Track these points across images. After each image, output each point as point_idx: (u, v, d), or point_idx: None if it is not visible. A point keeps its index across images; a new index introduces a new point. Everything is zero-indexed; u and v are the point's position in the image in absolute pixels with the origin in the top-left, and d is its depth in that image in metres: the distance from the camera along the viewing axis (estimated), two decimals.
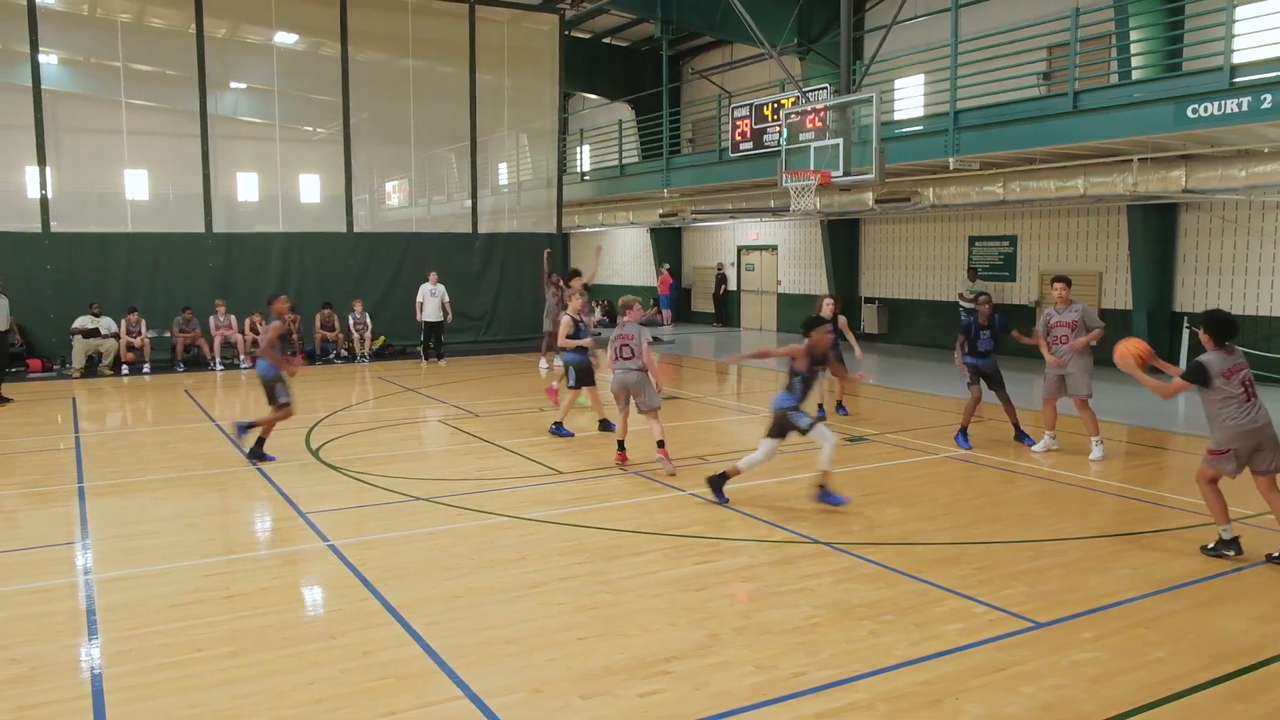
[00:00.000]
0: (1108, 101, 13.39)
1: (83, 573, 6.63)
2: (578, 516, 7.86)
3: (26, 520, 8.00)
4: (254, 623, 5.62)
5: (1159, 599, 5.97)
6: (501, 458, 10.24)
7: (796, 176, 14.84)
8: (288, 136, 21.58)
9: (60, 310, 17.93)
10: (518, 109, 23.67)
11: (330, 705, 4.58)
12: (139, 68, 20.41)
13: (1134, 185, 14.08)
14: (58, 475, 9.55)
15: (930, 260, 21.40)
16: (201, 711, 4.53)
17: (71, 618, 5.75)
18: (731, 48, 25.77)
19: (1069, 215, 18.24)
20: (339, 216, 20.98)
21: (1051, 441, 10.45)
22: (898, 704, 4.58)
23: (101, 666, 5.02)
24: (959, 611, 5.75)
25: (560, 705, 4.59)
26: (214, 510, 8.49)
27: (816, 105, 14.55)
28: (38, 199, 18.21)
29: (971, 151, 15.19)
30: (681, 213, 23.91)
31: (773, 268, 26.54)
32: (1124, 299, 17.29)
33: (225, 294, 18.97)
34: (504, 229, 23.40)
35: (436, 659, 5.08)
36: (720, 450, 10.56)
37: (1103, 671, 4.93)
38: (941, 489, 8.84)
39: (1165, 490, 8.88)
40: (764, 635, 5.40)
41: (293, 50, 22.27)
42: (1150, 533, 7.46)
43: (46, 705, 4.61)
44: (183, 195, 19.81)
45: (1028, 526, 7.60)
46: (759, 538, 7.27)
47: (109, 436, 12.03)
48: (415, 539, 7.33)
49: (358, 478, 9.28)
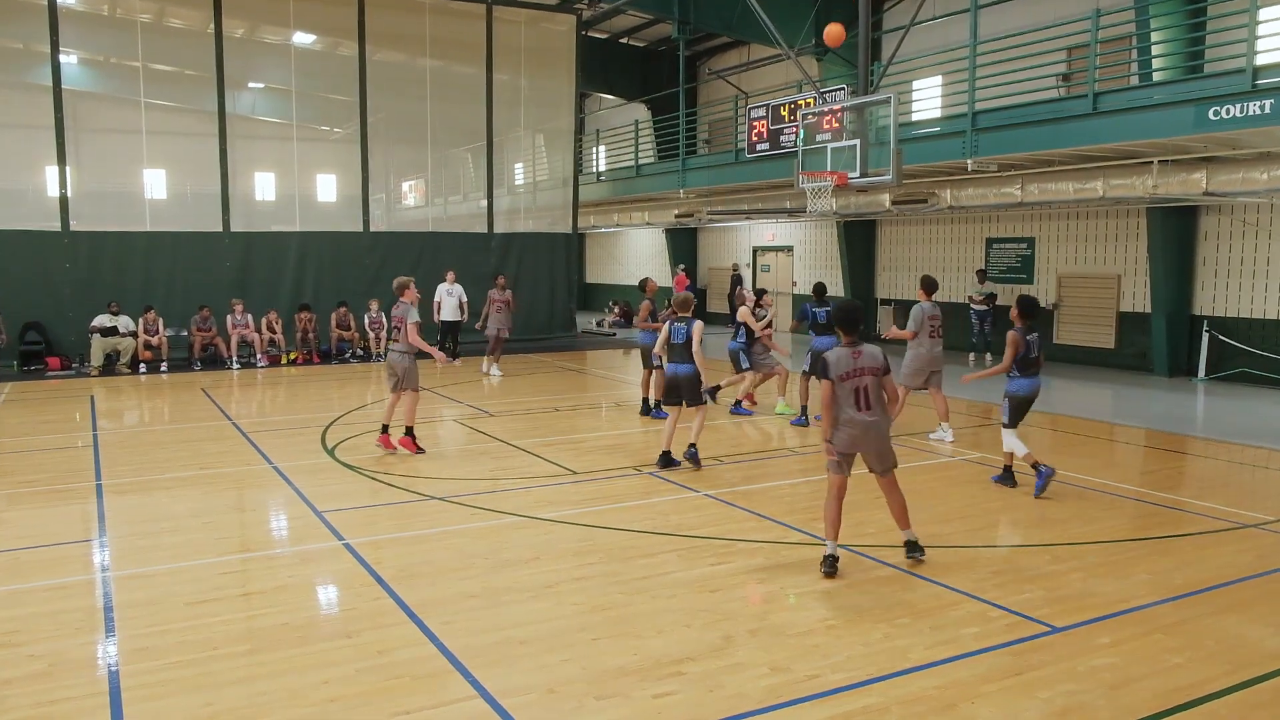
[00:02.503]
0: (1128, 103, 13.29)
1: (100, 570, 6.68)
2: (592, 517, 7.86)
3: (45, 517, 8.06)
4: (270, 621, 5.65)
5: (1177, 604, 5.92)
6: (516, 458, 10.25)
7: (813, 178, 14.80)
8: (305, 136, 21.71)
9: (79, 309, 18.07)
10: (534, 109, 23.73)
11: (346, 704, 4.59)
12: (158, 68, 20.58)
13: (1154, 188, 13.98)
14: (76, 473, 9.62)
15: (947, 262, 21.31)
16: (218, 709, 4.55)
17: (89, 615, 5.78)
18: (749, 48, 25.72)
19: (1087, 217, 18.12)
20: (355, 216, 21.08)
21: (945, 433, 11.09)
22: (913, 708, 4.56)
23: (119, 664, 5.05)
24: (975, 615, 5.72)
25: (575, 706, 4.58)
26: (230, 508, 8.53)
27: (834, 106, 14.50)
28: (57, 198, 18.38)
29: (990, 153, 15.12)
30: (697, 213, 23.89)
31: (788, 269, 26.49)
32: (1143, 302, 17.17)
33: (242, 293, 19.08)
34: (520, 229, 23.47)
35: (451, 659, 5.09)
36: (736, 451, 10.54)
37: (1120, 677, 4.89)
38: (957, 492, 8.79)
39: (1184, 495, 8.81)
40: (778, 637, 5.38)
41: (310, 50, 22.39)
42: (1168, 538, 7.39)
43: (65, 701, 4.64)
44: (201, 194, 19.96)
45: (1044, 530, 7.56)
46: (774, 539, 7.25)
47: (127, 435, 12.11)
48: (430, 538, 7.35)
49: (373, 477, 9.31)
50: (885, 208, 18.49)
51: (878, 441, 6.47)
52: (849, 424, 6.40)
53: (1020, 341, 8.50)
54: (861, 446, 6.47)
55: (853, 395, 6.38)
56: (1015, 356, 8.51)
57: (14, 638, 5.39)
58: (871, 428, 6.41)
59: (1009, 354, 8.54)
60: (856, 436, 6.41)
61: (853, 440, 6.42)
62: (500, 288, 17.40)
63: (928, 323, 10.79)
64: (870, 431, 6.41)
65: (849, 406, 6.39)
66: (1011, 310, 8.69)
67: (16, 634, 5.44)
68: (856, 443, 6.44)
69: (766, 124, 17.76)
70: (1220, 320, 16.01)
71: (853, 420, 6.39)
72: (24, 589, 6.23)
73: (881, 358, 6.47)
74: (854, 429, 6.39)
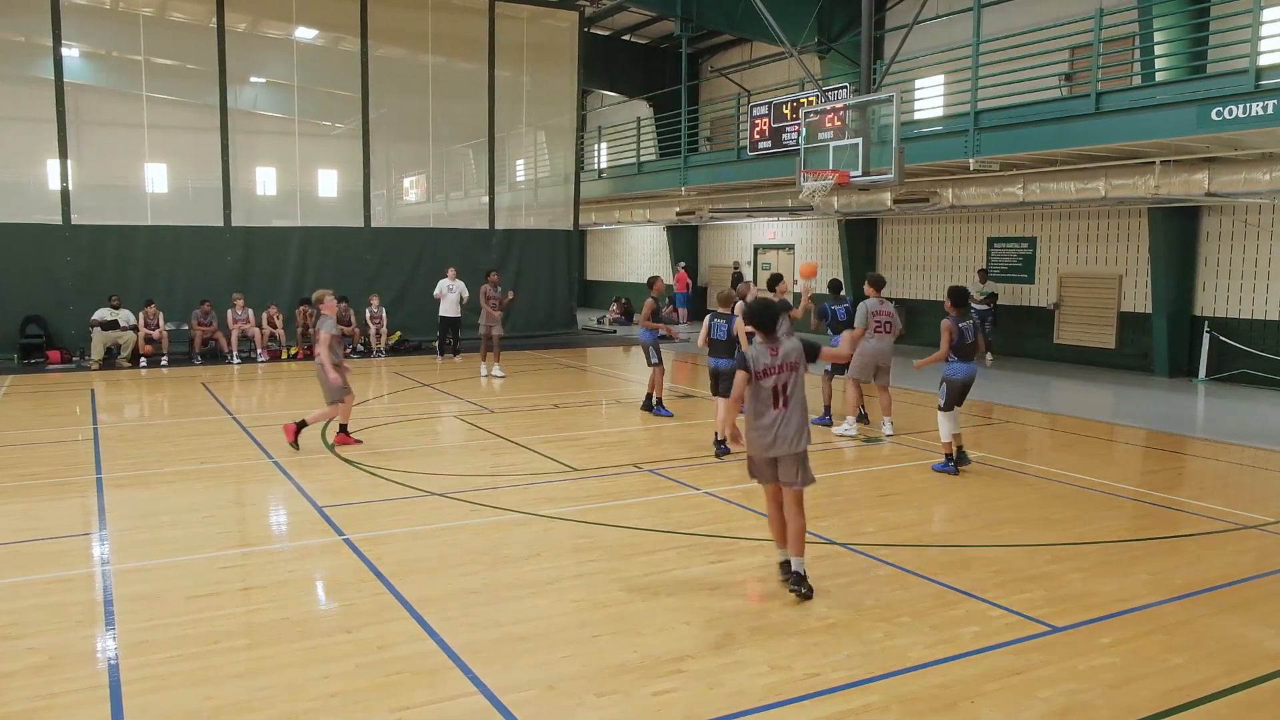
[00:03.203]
0: (1131, 103, 13.29)
1: (100, 563, 6.68)
2: (592, 514, 7.86)
3: (45, 511, 8.06)
4: (270, 616, 5.64)
5: (1178, 605, 5.92)
6: (516, 454, 10.25)
7: (815, 176, 14.80)
8: (306, 131, 21.69)
9: (79, 302, 18.07)
10: (536, 106, 23.73)
11: (346, 699, 4.59)
12: (160, 61, 20.58)
13: (1156, 188, 13.98)
14: (76, 466, 9.61)
15: (949, 261, 21.29)
16: (218, 704, 4.54)
17: (89, 608, 5.78)
18: (751, 46, 25.71)
19: (1089, 217, 18.11)
20: (357, 212, 21.09)
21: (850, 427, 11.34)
22: (913, 706, 4.56)
23: (119, 657, 5.05)
24: (975, 614, 5.72)
25: (575, 703, 4.58)
26: (230, 503, 8.53)
27: (836, 104, 14.52)
28: (59, 191, 18.38)
29: (992, 152, 15.11)
30: (699, 211, 23.87)
31: (790, 267, 26.46)
32: (1144, 303, 17.17)
33: (243, 287, 19.08)
34: (521, 225, 23.46)
35: (451, 654, 5.09)
36: (737, 449, 10.50)
37: (1121, 677, 4.89)
38: (958, 491, 8.79)
39: (1184, 495, 8.81)
40: (778, 635, 5.38)
41: (312, 45, 22.39)
42: (1169, 538, 7.39)
43: (65, 694, 4.64)
44: (202, 189, 19.96)
45: (1045, 530, 7.55)
46: (773, 538, 7.23)
47: (127, 429, 12.11)
48: (430, 534, 7.34)
49: (373, 472, 9.31)
50: (887, 206, 18.48)
51: (790, 445, 5.93)
52: (758, 429, 5.99)
53: (954, 329, 9.06)
54: (774, 451, 5.96)
55: (770, 394, 5.96)
56: (951, 343, 9.09)
57: (14, 630, 5.38)
58: (782, 430, 5.93)
59: (944, 341, 9.11)
60: (765, 442, 5.96)
61: (764, 445, 5.98)
62: (493, 284, 16.46)
63: (872, 319, 11.03)
64: (780, 436, 5.93)
65: (768, 406, 5.96)
66: (945, 302, 9.25)
67: (16, 626, 5.44)
68: (768, 448, 5.97)
69: (769, 122, 17.77)
70: (1221, 321, 16.01)
71: (761, 426, 5.97)
72: (24, 581, 6.23)
73: (801, 350, 6.03)
74: (763, 435, 5.96)
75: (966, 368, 9.18)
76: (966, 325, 9.12)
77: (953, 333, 9.05)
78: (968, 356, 9.19)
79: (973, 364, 9.26)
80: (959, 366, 9.16)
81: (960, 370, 9.16)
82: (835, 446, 10.78)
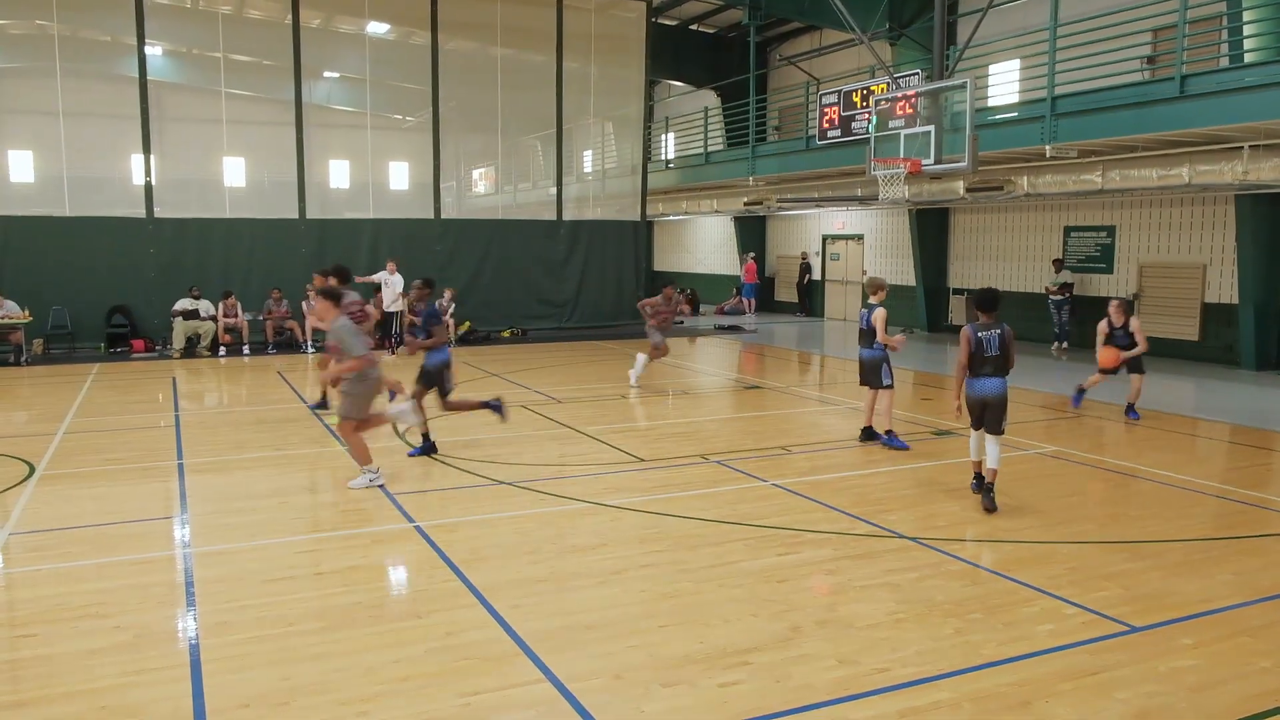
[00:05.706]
0: (1217, 86, 12.83)
1: (181, 546, 6.89)
2: (659, 504, 7.87)
3: (130, 494, 8.33)
4: (343, 600, 5.76)
5: (1264, 607, 5.71)
6: (584, 444, 10.30)
7: (885, 164, 14.57)
8: (378, 124, 22.08)
9: (162, 293, 18.66)
10: (603, 97, 23.77)
11: (417, 683, 4.67)
12: (238, 58, 21.10)
13: (1244, 174, 13.47)
14: (159, 452, 9.93)
15: (1023, 250, 20.82)
16: (294, 684, 4.66)
17: (171, 589, 5.98)
18: (820, 33, 25.40)
19: (1171, 205, 17.55)
20: (427, 203, 21.39)
21: None
22: (985, 704, 4.47)
23: (199, 637, 5.21)
24: (1049, 612, 5.59)
25: (641, 693, 4.60)
26: (304, 489, 8.74)
27: (908, 92, 14.26)
28: (143, 186, 18.95)
29: (1069, 139, 14.72)
30: (766, 201, 23.70)
31: (858, 258, 26.15)
32: (1229, 293, 16.58)
33: None
34: (589, 216, 23.55)
35: (519, 642, 5.14)
36: (805, 440, 10.45)
37: (1203, 680, 4.74)
38: (1031, 485, 8.60)
39: (1271, 493, 8.49)
40: (846, 629, 5.33)
41: (384, 40, 22.74)
42: (1254, 537, 7.14)
43: (149, 672, 4.80)
44: (278, 182, 20.43)
45: (1122, 526, 7.35)
46: (842, 530, 7.18)
47: (207, 415, 12.47)
48: (499, 522, 7.42)
49: (442, 461, 9.44)
50: (959, 195, 18.13)
51: None
52: None
53: (971, 338, 7.76)
54: None
55: None
56: (969, 354, 7.77)
57: (102, 609, 5.59)
58: None
59: (962, 352, 7.82)
60: None
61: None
62: (666, 298, 14.78)
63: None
64: None
65: None
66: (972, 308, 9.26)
67: (104, 605, 5.64)
68: None
69: (838, 110, 17.53)
70: None
71: None
72: (111, 562, 6.46)
73: None
74: None
75: (982, 384, 7.76)
76: (989, 335, 7.71)
77: (970, 342, 7.74)
78: (991, 372, 7.74)
79: (998, 380, 7.76)
80: (973, 382, 7.80)
81: (974, 386, 7.80)
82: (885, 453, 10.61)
